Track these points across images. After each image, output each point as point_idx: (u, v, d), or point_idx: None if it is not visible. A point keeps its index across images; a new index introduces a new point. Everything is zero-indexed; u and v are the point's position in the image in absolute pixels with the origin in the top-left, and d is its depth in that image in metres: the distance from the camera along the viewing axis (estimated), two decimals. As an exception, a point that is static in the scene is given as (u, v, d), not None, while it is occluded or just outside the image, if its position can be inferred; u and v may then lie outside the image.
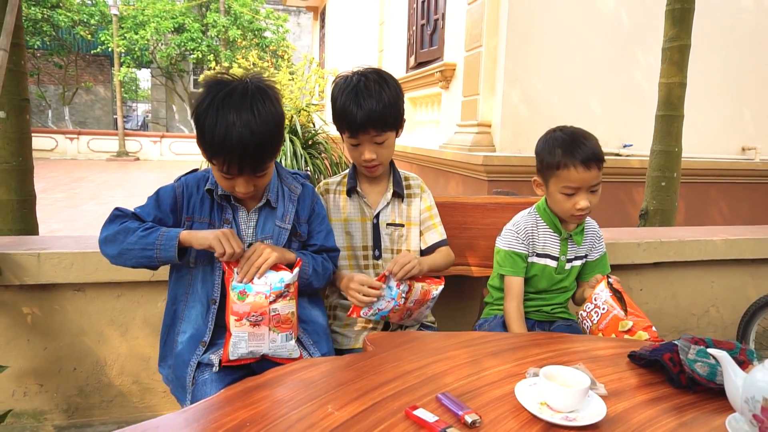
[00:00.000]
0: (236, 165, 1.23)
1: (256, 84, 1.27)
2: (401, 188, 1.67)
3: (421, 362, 1.04)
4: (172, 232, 1.27)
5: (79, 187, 10.02)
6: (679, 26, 2.95)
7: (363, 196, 1.64)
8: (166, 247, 1.26)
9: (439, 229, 1.72)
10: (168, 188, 1.39)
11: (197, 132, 1.26)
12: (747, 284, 2.61)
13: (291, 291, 1.27)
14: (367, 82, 1.48)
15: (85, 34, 17.27)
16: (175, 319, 1.40)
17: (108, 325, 1.92)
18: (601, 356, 1.13)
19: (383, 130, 1.51)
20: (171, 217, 1.36)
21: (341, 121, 1.51)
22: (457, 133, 4.59)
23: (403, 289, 1.42)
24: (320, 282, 1.45)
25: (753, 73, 4.73)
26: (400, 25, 6.50)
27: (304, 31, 21.96)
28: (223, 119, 1.20)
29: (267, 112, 1.24)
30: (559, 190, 1.54)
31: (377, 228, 1.63)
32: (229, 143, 1.20)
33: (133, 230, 1.27)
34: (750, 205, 4.80)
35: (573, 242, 1.65)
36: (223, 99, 1.22)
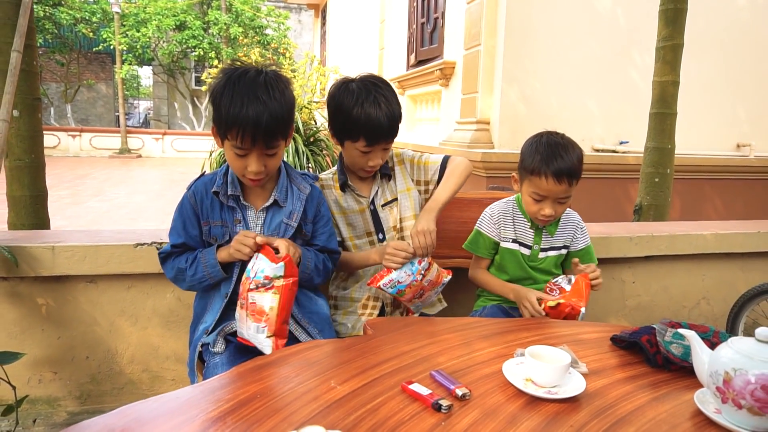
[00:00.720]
0: (250, 136, 1.31)
1: (269, 70, 1.37)
2: (387, 169, 1.73)
3: (416, 344, 1.13)
4: (210, 260, 1.41)
5: (82, 184, 10.11)
6: (672, 26, 3.01)
7: (354, 189, 1.72)
8: (214, 274, 1.42)
9: (432, 158, 1.78)
10: (184, 201, 1.47)
11: (213, 111, 1.35)
12: (737, 277, 2.68)
13: (275, 285, 1.27)
14: (381, 91, 1.54)
15: (87, 32, 17.36)
16: (203, 311, 1.51)
17: (119, 315, 2.00)
18: (586, 339, 1.21)
19: (395, 136, 1.60)
20: (197, 226, 1.47)
21: (359, 131, 1.53)
22: (457, 131, 4.67)
23: (423, 266, 1.51)
24: (320, 278, 1.54)
25: (748, 71, 4.80)
26: (401, 23, 6.57)
27: (305, 28, 22.01)
28: (239, 94, 1.30)
29: (280, 92, 1.34)
30: (529, 193, 1.62)
31: (375, 213, 1.72)
32: (245, 115, 1.29)
33: (183, 270, 1.44)
34: (745, 201, 4.87)
35: (546, 232, 1.73)
36: (239, 77, 1.32)
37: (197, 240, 1.47)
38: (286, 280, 1.27)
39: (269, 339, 1.27)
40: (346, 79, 1.60)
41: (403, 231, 1.73)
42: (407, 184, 1.76)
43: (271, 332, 1.27)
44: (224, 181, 1.47)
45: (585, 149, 4.63)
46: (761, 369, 0.83)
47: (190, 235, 1.46)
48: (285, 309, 1.28)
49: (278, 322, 1.26)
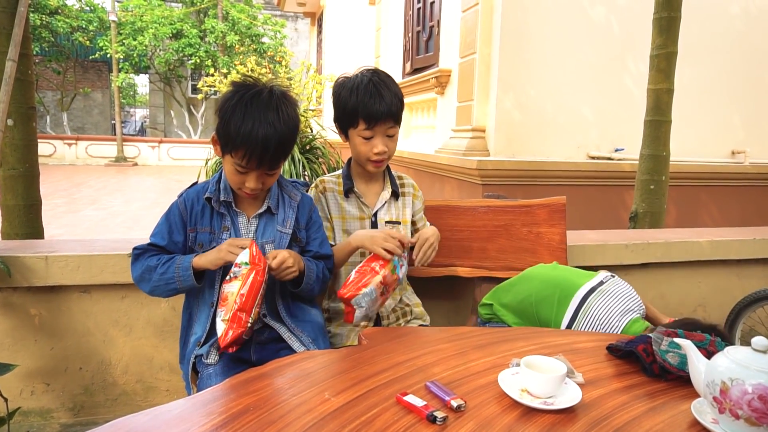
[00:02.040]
0: (256, 159, 1.33)
1: (279, 90, 1.39)
2: (397, 187, 1.76)
3: (411, 354, 1.12)
4: (185, 263, 1.37)
5: (78, 193, 10.08)
6: (666, 34, 3.03)
7: (360, 196, 1.71)
8: (185, 278, 1.37)
9: (428, 225, 1.82)
10: (174, 207, 1.47)
11: (221, 126, 1.35)
12: (733, 284, 2.68)
13: (241, 273, 1.27)
14: (380, 76, 1.59)
15: (83, 40, 17.37)
16: (191, 322, 1.50)
17: (113, 325, 1.98)
18: (581, 348, 1.21)
19: (396, 122, 1.61)
20: (183, 234, 1.45)
21: (356, 114, 1.56)
22: (452, 138, 4.68)
23: (404, 271, 1.49)
24: (320, 288, 1.54)
25: (741, 78, 4.83)
26: (397, 31, 6.60)
27: (301, 36, 22.09)
28: (251, 116, 1.30)
29: (289, 115, 1.36)
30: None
31: (375, 226, 1.71)
32: (254, 138, 1.30)
33: (153, 268, 1.38)
34: (740, 207, 4.89)
35: None
36: (252, 97, 1.33)
37: (179, 246, 1.45)
38: (251, 268, 1.26)
39: (222, 323, 1.26)
40: (346, 75, 1.65)
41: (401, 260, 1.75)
42: (408, 215, 1.78)
43: (227, 317, 1.25)
44: (217, 188, 1.47)
45: (580, 156, 4.66)
46: (758, 379, 0.82)
47: (173, 240, 1.44)
48: (246, 296, 1.25)
49: (235, 309, 1.24)
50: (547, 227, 2.03)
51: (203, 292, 1.47)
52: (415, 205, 1.81)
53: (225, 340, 1.25)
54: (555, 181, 4.18)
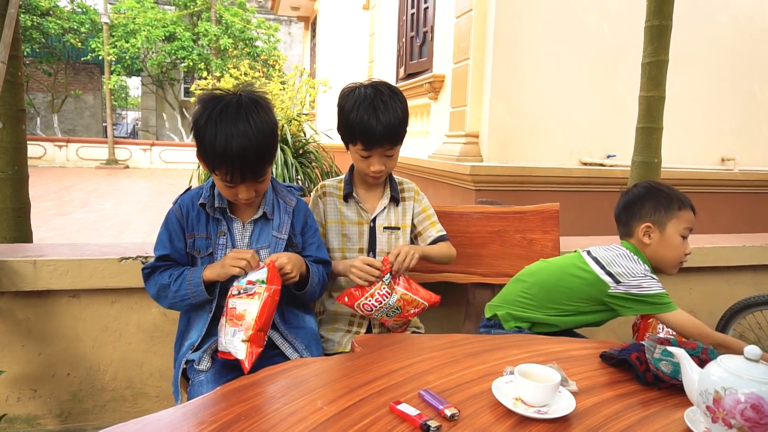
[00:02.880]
0: (239, 173, 1.32)
1: (248, 96, 1.35)
2: (397, 193, 1.75)
3: (405, 362, 1.11)
4: (195, 278, 1.37)
5: (68, 195, 9.99)
6: (657, 42, 3.05)
7: (359, 202, 1.71)
8: (197, 293, 1.37)
9: (438, 226, 1.80)
10: (171, 215, 1.46)
11: (198, 146, 1.34)
12: (723, 290, 2.70)
13: (257, 291, 1.27)
14: (383, 97, 1.54)
15: (75, 42, 17.25)
16: (188, 327, 1.49)
17: (102, 330, 1.96)
18: (575, 356, 1.21)
19: (396, 143, 1.59)
20: (183, 239, 1.45)
21: (355, 133, 1.55)
22: (446, 143, 4.69)
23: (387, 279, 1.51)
24: (321, 292, 1.54)
25: (731, 86, 4.88)
26: (390, 36, 6.61)
27: (295, 40, 22.09)
28: (222, 132, 1.28)
29: (261, 121, 1.32)
30: (681, 232, 1.57)
31: (373, 231, 1.71)
32: (230, 153, 1.28)
33: (167, 285, 1.39)
34: (730, 214, 4.93)
35: None
36: (220, 113, 1.30)
37: (182, 253, 1.45)
38: (268, 287, 1.26)
39: (244, 344, 1.24)
40: (355, 84, 1.62)
41: None
42: (408, 220, 1.77)
43: (247, 337, 1.25)
44: (211, 193, 1.46)
45: (573, 163, 4.68)
46: (750, 388, 0.83)
47: (175, 247, 1.44)
48: (264, 316, 1.26)
49: (255, 328, 1.24)
50: (541, 233, 2.04)
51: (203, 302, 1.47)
52: (414, 209, 1.79)
53: (251, 361, 1.24)
54: (548, 186, 4.20)
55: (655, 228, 1.59)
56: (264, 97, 1.40)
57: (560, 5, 4.28)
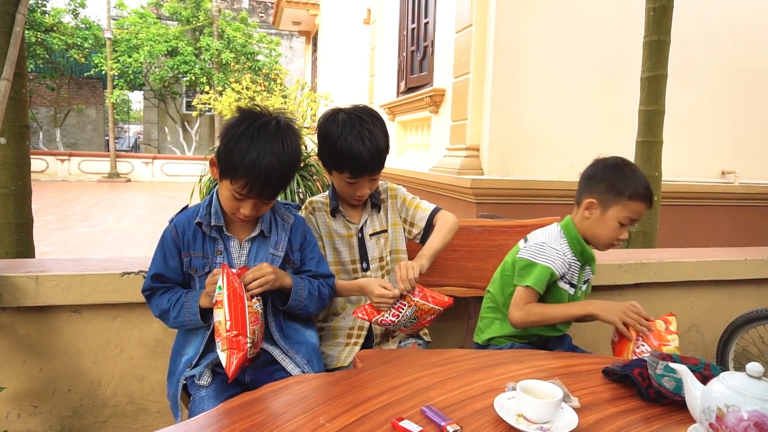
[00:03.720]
0: (257, 189, 1.34)
1: (285, 121, 1.40)
2: (378, 200, 1.76)
3: (407, 377, 1.11)
4: (192, 307, 1.40)
5: (70, 209, 10.02)
6: (656, 57, 3.09)
7: (345, 215, 1.73)
8: (195, 321, 1.41)
9: (423, 204, 1.80)
10: (166, 235, 1.48)
11: (224, 152, 1.35)
12: (725, 304, 2.69)
13: (217, 299, 1.28)
14: (367, 125, 1.55)
15: (78, 57, 17.40)
16: (184, 342, 1.50)
17: (104, 346, 1.96)
18: (577, 372, 1.20)
19: (381, 168, 1.61)
20: (177, 259, 1.46)
21: (343, 162, 1.55)
22: (446, 157, 4.71)
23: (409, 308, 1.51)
24: (315, 306, 1.53)
25: (731, 99, 4.91)
26: (391, 51, 6.67)
27: (296, 54, 22.28)
28: (256, 146, 1.31)
29: (293, 147, 1.36)
30: (620, 219, 1.59)
31: (362, 241, 1.73)
32: (258, 168, 1.31)
33: (167, 311, 1.43)
34: (731, 227, 4.93)
35: (588, 269, 1.72)
36: (259, 128, 1.34)
37: (177, 272, 1.46)
38: (227, 289, 1.27)
39: (223, 353, 1.25)
40: (336, 110, 1.62)
41: (391, 263, 1.75)
42: (395, 219, 1.78)
43: (225, 346, 1.25)
44: (207, 212, 1.46)
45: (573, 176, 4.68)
46: (753, 405, 0.82)
47: (168, 267, 1.45)
48: (233, 318, 1.25)
49: (229, 334, 1.24)
50: (542, 248, 2.04)
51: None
52: (396, 205, 1.80)
53: (231, 368, 1.23)
54: (548, 200, 4.20)
55: (598, 206, 1.62)
56: (297, 127, 1.44)
57: (559, 20, 4.32)
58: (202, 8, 18.49)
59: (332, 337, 1.69)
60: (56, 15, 17.09)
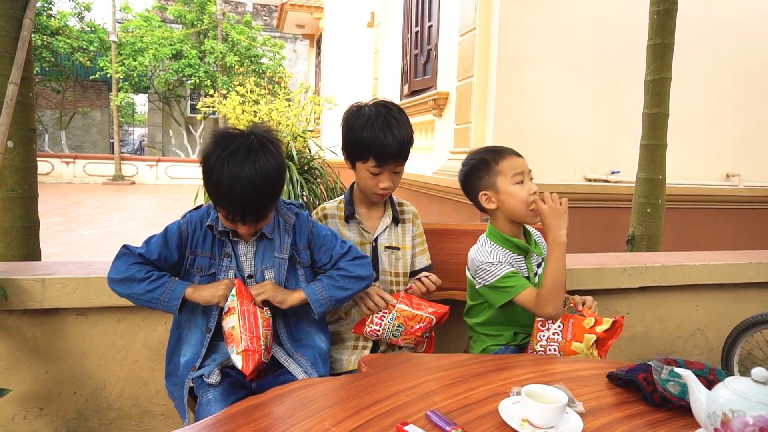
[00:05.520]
0: (239, 216, 1.35)
1: (259, 138, 1.37)
2: (398, 213, 1.77)
3: (412, 382, 1.11)
4: (176, 291, 1.38)
5: (75, 211, 10.06)
6: (659, 60, 3.08)
7: (360, 222, 1.72)
8: (169, 305, 1.38)
9: (427, 254, 1.83)
10: (174, 225, 1.48)
11: (204, 181, 1.37)
12: (730, 308, 2.68)
13: (230, 307, 1.36)
14: (393, 114, 1.59)
15: (84, 61, 17.51)
16: (179, 342, 1.50)
17: (109, 348, 1.97)
18: (582, 376, 1.20)
19: (406, 159, 1.63)
20: (176, 253, 1.45)
21: (369, 151, 1.56)
22: (450, 160, 4.71)
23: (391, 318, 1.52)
24: (355, 285, 1.50)
25: (735, 102, 4.90)
26: (395, 54, 6.68)
27: (300, 57, 22.34)
28: (228, 174, 1.30)
29: (269, 166, 1.33)
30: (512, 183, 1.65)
31: (376, 251, 1.72)
32: (233, 198, 1.31)
33: (139, 280, 1.38)
34: (735, 229, 4.91)
35: (534, 254, 1.71)
36: (229, 155, 1.31)
37: (169, 265, 1.45)
38: (238, 298, 1.35)
39: (238, 356, 1.31)
40: (360, 104, 1.64)
41: (400, 285, 1.75)
42: (410, 242, 1.79)
43: (239, 348, 1.31)
44: (218, 216, 1.47)
45: (577, 179, 4.68)
46: (759, 410, 0.82)
47: (163, 256, 1.43)
48: (247, 323, 1.33)
49: (245, 338, 1.31)
50: (546, 251, 2.04)
51: (196, 316, 1.49)
52: (413, 231, 1.81)
53: (249, 368, 1.30)
54: (552, 203, 4.20)
55: (490, 192, 1.65)
56: (275, 139, 1.41)
57: (562, 24, 4.32)
58: (206, 12, 18.58)
59: (339, 342, 1.69)
60: (62, 18, 17.21)
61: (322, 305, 1.45)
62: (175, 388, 1.47)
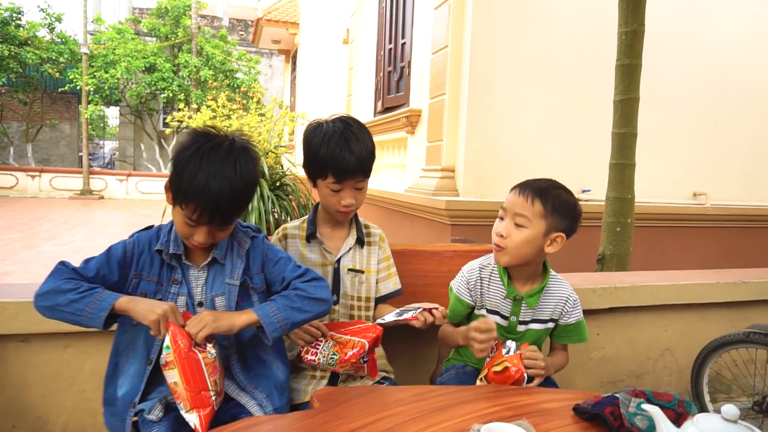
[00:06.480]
0: (207, 215, 1.26)
1: (241, 143, 1.32)
2: (363, 234, 1.71)
3: (366, 419, 1.04)
4: (105, 302, 1.23)
5: (38, 227, 9.73)
6: (628, 81, 3.11)
7: (322, 242, 1.66)
8: (94, 317, 1.22)
9: (395, 279, 1.75)
10: (119, 245, 1.38)
11: (174, 175, 1.28)
12: (699, 328, 2.68)
13: (168, 360, 1.21)
14: (352, 129, 1.54)
15: (53, 72, 17.09)
16: (116, 372, 1.37)
17: (53, 378, 1.84)
18: (547, 409, 1.15)
19: (366, 175, 1.58)
20: (117, 273, 1.34)
21: (326, 167, 1.52)
22: (422, 178, 4.68)
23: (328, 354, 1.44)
24: (313, 308, 1.37)
25: (701, 123, 5.01)
26: (369, 71, 6.68)
27: (276, 72, 22.29)
28: (206, 169, 1.23)
29: (247, 170, 1.29)
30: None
31: (338, 273, 1.65)
32: (207, 193, 1.23)
33: (65, 291, 1.23)
34: (702, 247, 4.98)
35: (526, 304, 1.56)
36: (210, 150, 1.26)
37: (106, 281, 1.32)
38: (174, 349, 1.20)
39: (189, 414, 1.21)
40: (319, 120, 1.60)
41: (362, 310, 1.68)
42: (375, 266, 1.72)
43: (188, 407, 1.21)
44: (168, 238, 1.38)
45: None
46: (729, 452, 0.78)
47: (99, 272, 1.30)
48: (190, 380, 1.20)
49: (190, 394, 1.20)
50: (514, 273, 1.99)
51: (136, 343, 1.36)
52: (379, 254, 1.74)
53: (203, 427, 1.20)
54: (524, 221, 4.19)
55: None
56: (255, 148, 1.37)
57: (534, 43, 4.37)
58: (181, 25, 18.41)
59: (296, 370, 1.60)
60: (31, 29, 16.82)
61: (276, 329, 1.31)
62: (114, 419, 1.36)
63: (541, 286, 1.57)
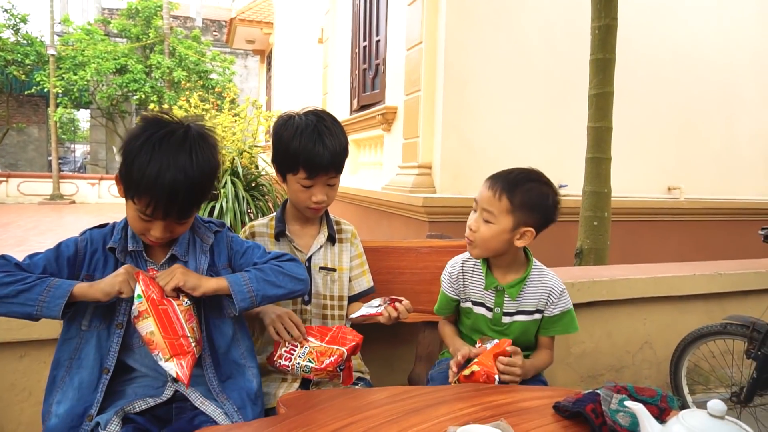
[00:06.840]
0: (162, 209, 1.17)
1: (197, 129, 1.23)
2: (334, 231, 1.64)
3: (336, 424, 0.97)
4: (61, 289, 1.14)
5: (4, 233, 9.41)
6: (602, 75, 3.11)
7: (292, 240, 1.59)
8: (50, 306, 1.12)
9: (368, 276, 1.70)
10: (70, 241, 1.28)
11: (123, 167, 1.18)
12: (677, 320, 2.68)
13: (140, 309, 1.14)
14: (326, 123, 1.48)
15: (18, 74, 16.58)
16: (53, 385, 1.24)
17: (8, 390, 1.73)
18: (527, 408, 1.10)
19: (339, 171, 1.51)
20: (66, 271, 1.24)
21: (298, 162, 1.45)
22: (399, 175, 4.63)
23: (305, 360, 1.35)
24: (288, 284, 1.30)
25: (674, 118, 5.06)
26: (344, 69, 6.61)
27: (251, 73, 22.03)
28: (158, 159, 1.14)
29: (204, 159, 1.20)
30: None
31: (309, 272, 1.58)
32: (160, 185, 1.14)
33: (9, 284, 1.13)
34: (678, 241, 5.03)
35: (508, 296, 1.52)
36: (161, 139, 1.16)
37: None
38: (147, 298, 1.14)
39: (169, 363, 1.14)
40: (291, 113, 1.53)
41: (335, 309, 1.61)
42: (348, 263, 1.66)
43: (167, 355, 1.14)
44: (123, 235, 1.29)
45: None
46: (716, 448, 0.73)
47: (46, 269, 1.21)
48: (167, 326, 1.15)
49: (168, 341, 1.14)
50: (492, 268, 1.95)
51: (83, 352, 1.24)
52: (351, 252, 1.68)
53: (186, 375, 1.14)
54: (501, 217, 4.17)
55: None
56: (213, 134, 1.27)
57: (509, 39, 4.35)
58: (152, 26, 18.04)
59: (265, 373, 1.52)
60: (-5, 30, 16.33)
61: (246, 299, 1.23)
62: None
63: (522, 276, 1.54)
